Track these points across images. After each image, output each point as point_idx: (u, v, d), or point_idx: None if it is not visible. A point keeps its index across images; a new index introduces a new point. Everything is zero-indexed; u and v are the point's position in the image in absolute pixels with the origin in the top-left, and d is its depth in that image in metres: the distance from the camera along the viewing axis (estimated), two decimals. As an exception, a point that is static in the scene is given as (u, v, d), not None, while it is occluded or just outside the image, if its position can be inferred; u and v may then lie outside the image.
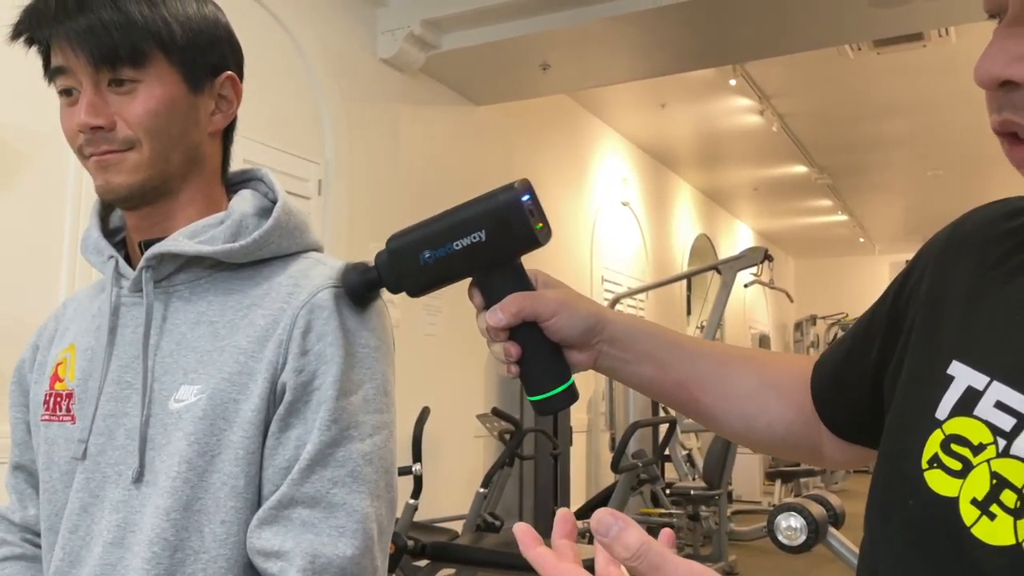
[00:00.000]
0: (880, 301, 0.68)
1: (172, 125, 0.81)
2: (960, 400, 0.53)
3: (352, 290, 0.74)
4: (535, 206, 0.67)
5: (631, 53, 4.30)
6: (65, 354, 0.88)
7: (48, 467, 0.85)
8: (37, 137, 2.51)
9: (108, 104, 0.79)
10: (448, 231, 0.66)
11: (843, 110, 6.45)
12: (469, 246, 0.66)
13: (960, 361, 0.54)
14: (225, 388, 0.78)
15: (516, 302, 0.66)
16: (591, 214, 6.25)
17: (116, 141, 0.79)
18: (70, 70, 0.79)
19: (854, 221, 10.34)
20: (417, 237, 0.68)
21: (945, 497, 0.51)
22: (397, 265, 0.69)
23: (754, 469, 7.73)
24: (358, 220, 3.85)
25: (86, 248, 0.89)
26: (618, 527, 0.43)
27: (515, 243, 0.66)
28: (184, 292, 0.84)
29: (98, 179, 0.81)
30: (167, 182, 0.83)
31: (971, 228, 0.61)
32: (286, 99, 3.51)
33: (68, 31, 0.77)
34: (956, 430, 0.52)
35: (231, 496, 0.77)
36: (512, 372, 0.68)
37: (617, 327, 0.70)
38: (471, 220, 0.66)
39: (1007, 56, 0.49)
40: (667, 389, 0.73)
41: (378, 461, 0.79)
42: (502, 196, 0.66)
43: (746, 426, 0.74)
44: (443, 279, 0.68)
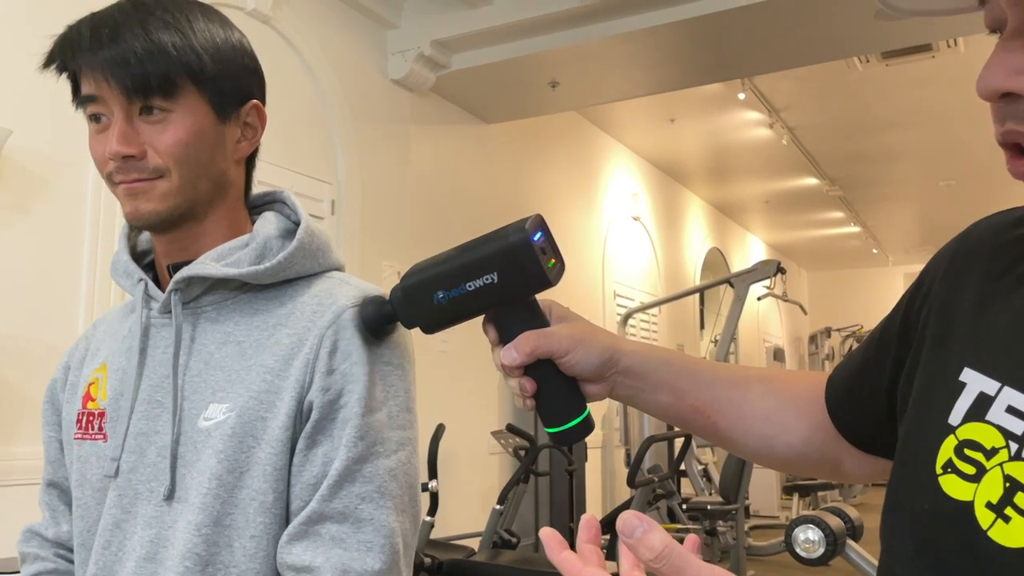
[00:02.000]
0: (892, 313, 0.69)
1: (200, 154, 0.83)
2: (972, 406, 0.53)
3: (368, 323, 0.78)
4: (548, 243, 0.67)
5: (639, 69, 4.33)
6: (97, 374, 0.90)
7: (81, 484, 0.87)
8: (56, 163, 2.56)
9: (139, 133, 0.81)
10: (461, 272, 0.67)
11: (853, 122, 6.45)
12: (482, 287, 0.66)
13: (971, 368, 0.55)
14: (253, 406, 0.80)
15: (529, 341, 0.67)
16: (602, 230, 6.27)
17: (146, 170, 0.81)
18: (101, 98, 0.81)
19: (867, 232, 10.30)
20: (430, 276, 0.69)
21: (960, 501, 0.51)
22: (411, 303, 0.70)
23: (771, 483, 7.68)
24: (370, 239, 3.89)
25: (116, 271, 0.92)
26: (643, 529, 0.44)
27: (527, 284, 0.67)
28: (211, 313, 0.86)
29: (127, 206, 0.83)
30: (194, 208, 0.85)
31: (979, 237, 0.62)
32: (298, 120, 3.56)
33: (102, 60, 0.78)
34: (969, 435, 0.53)
35: (260, 512, 0.79)
36: (528, 405, 0.69)
37: (631, 358, 0.71)
38: (483, 261, 0.66)
39: (1007, 69, 0.50)
40: (684, 415, 0.74)
41: (403, 476, 0.81)
42: (513, 237, 0.66)
43: (766, 447, 0.75)
44: (456, 318, 0.69)
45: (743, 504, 5.28)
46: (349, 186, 3.79)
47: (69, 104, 0.86)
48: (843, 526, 2.79)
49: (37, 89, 2.47)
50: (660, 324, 6.96)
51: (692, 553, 0.46)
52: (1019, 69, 0.49)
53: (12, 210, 2.45)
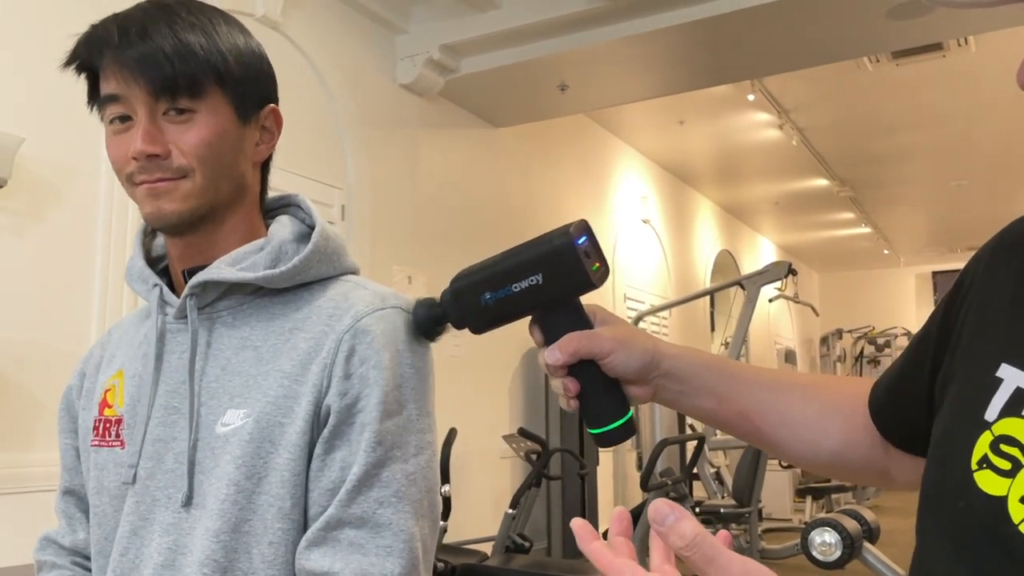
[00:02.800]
0: (932, 316, 0.68)
1: (223, 155, 0.83)
2: (1009, 401, 0.53)
3: (420, 324, 0.80)
4: (592, 247, 0.70)
5: (648, 71, 4.32)
6: (113, 380, 0.90)
7: (98, 492, 0.87)
8: (68, 170, 2.57)
9: (163, 133, 0.81)
10: (507, 274, 0.70)
11: (863, 122, 6.42)
12: (527, 288, 0.69)
13: (1008, 363, 0.55)
14: (271, 411, 0.79)
15: (573, 342, 0.69)
16: (612, 233, 6.26)
17: (170, 169, 0.81)
18: (125, 98, 0.80)
19: (878, 233, 10.26)
20: (478, 279, 0.72)
21: (994, 497, 0.51)
22: (460, 305, 0.73)
23: (784, 486, 7.64)
24: (380, 243, 3.89)
25: (131, 277, 0.91)
26: (674, 517, 0.45)
27: (571, 286, 0.69)
28: (227, 318, 0.86)
29: (148, 206, 0.82)
30: (214, 211, 0.85)
31: (1015, 235, 0.62)
32: (308, 126, 3.57)
33: (130, 59, 0.78)
34: (1005, 431, 0.52)
35: (278, 518, 0.78)
36: (572, 406, 0.71)
37: (674, 362, 0.72)
38: (529, 264, 0.69)
39: None
40: (729, 419, 0.75)
41: (421, 481, 0.81)
42: (558, 240, 0.69)
43: (812, 452, 0.75)
44: (504, 318, 0.72)
45: (756, 507, 5.25)
46: (359, 191, 3.79)
47: (80, 111, 0.86)
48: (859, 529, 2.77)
49: (48, 96, 2.48)
50: (671, 327, 6.94)
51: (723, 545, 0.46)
52: None
53: (25, 217, 2.46)
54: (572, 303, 0.71)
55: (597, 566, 0.48)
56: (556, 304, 0.70)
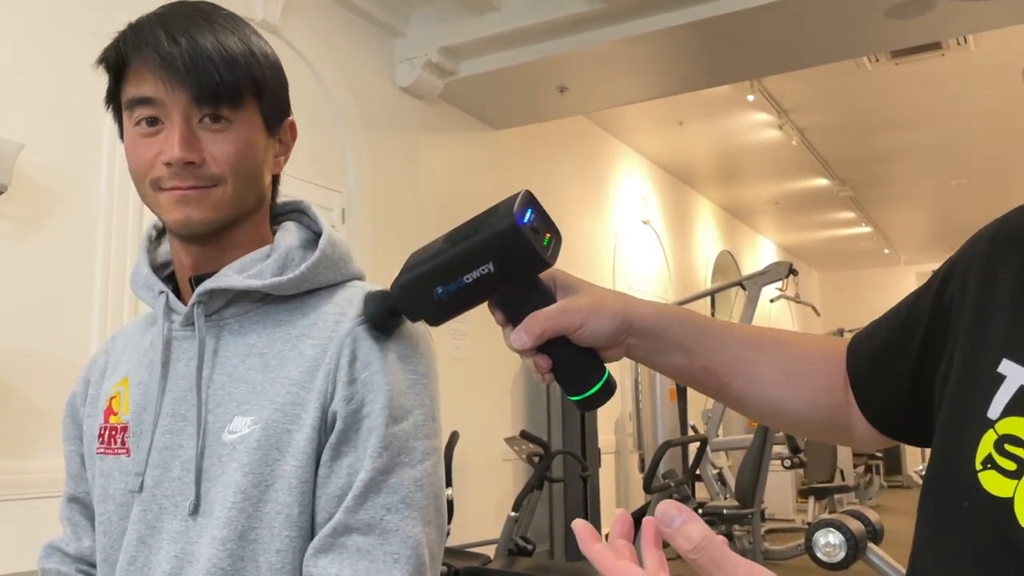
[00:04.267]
0: (919, 297, 0.67)
1: (254, 166, 0.83)
2: (1012, 399, 0.52)
3: (373, 320, 0.77)
4: (540, 220, 0.66)
5: (647, 72, 4.32)
6: (118, 388, 0.89)
7: (104, 500, 0.86)
8: (68, 177, 2.56)
9: (199, 140, 0.80)
10: (456, 265, 0.66)
11: (863, 122, 6.43)
12: (479, 278, 0.66)
13: (1010, 359, 0.54)
14: (278, 419, 0.79)
15: (538, 324, 0.66)
16: (612, 234, 6.25)
17: (204, 177, 0.80)
18: (160, 102, 0.79)
19: (878, 233, 10.26)
20: (426, 272, 0.68)
21: (1000, 498, 0.51)
22: (412, 299, 0.70)
23: (786, 487, 7.63)
24: (381, 247, 3.89)
25: (136, 284, 0.91)
26: (682, 519, 0.44)
27: (525, 269, 0.66)
28: (234, 325, 0.85)
29: (176, 213, 0.81)
30: (238, 220, 0.85)
31: (1015, 227, 0.61)
32: (308, 130, 3.56)
33: (176, 63, 0.77)
34: (1009, 430, 0.52)
35: (285, 525, 0.78)
36: (547, 380, 0.69)
37: (644, 320, 0.70)
38: (476, 253, 0.65)
39: None
40: (695, 375, 0.73)
41: (428, 487, 0.80)
42: (500, 225, 0.65)
43: (776, 410, 0.74)
44: (461, 308, 0.68)
45: (759, 508, 5.25)
46: (359, 195, 3.79)
47: (80, 117, 0.85)
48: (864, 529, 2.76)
49: (49, 102, 2.48)
50: (672, 328, 6.93)
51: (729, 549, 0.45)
52: None
53: (25, 224, 2.46)
54: (531, 282, 0.67)
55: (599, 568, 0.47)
56: (513, 286, 0.67)
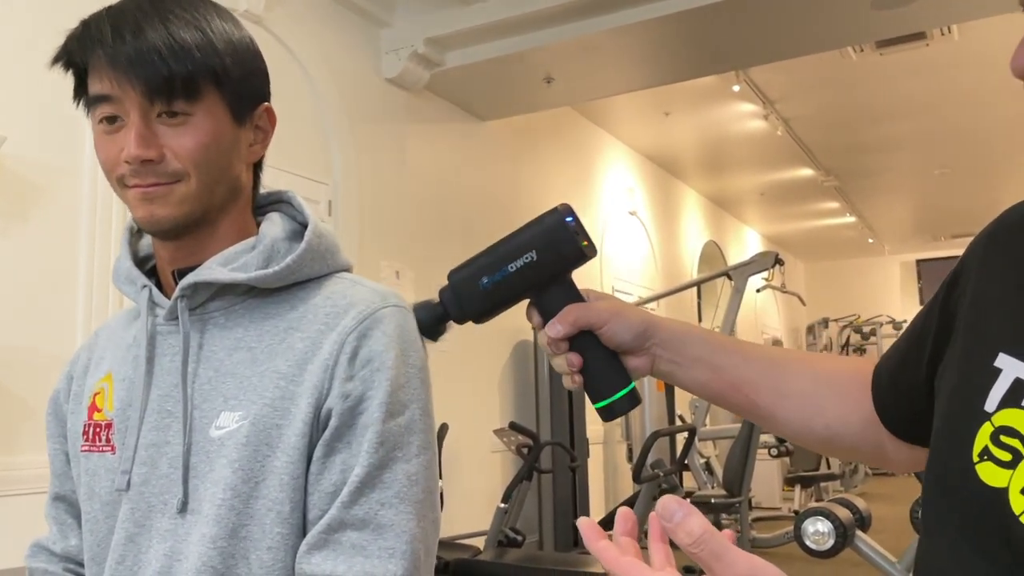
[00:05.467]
0: (930, 304, 0.68)
1: (219, 159, 0.81)
2: (1009, 392, 0.53)
3: (423, 326, 0.81)
4: (579, 226, 0.73)
5: (633, 63, 4.31)
6: (102, 384, 0.88)
7: (90, 498, 0.85)
8: (51, 169, 2.53)
9: (157, 136, 0.78)
10: (502, 257, 0.73)
11: (847, 112, 6.45)
12: (523, 267, 0.72)
13: (1006, 353, 0.55)
14: (267, 414, 0.78)
15: (572, 312, 0.72)
16: (599, 225, 6.26)
17: (164, 174, 0.78)
18: (116, 98, 0.77)
19: (862, 222, 10.31)
20: (475, 267, 0.75)
21: (995, 488, 0.51)
22: (460, 295, 0.76)
23: (773, 475, 7.68)
24: (368, 239, 3.87)
25: (118, 278, 0.89)
26: (682, 513, 0.45)
27: (565, 259, 0.73)
28: (219, 319, 0.84)
29: (140, 211, 0.79)
30: (208, 214, 0.83)
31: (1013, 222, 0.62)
32: (293, 122, 3.54)
33: (123, 59, 0.75)
34: (1005, 421, 0.53)
35: (277, 522, 0.77)
36: (576, 382, 0.73)
37: (668, 332, 0.74)
38: (523, 244, 0.73)
39: None
40: (722, 391, 0.76)
41: (423, 482, 0.79)
42: (548, 219, 0.73)
43: (805, 427, 0.75)
44: (503, 302, 0.75)
45: (747, 496, 5.28)
46: (346, 187, 3.77)
47: (63, 109, 0.83)
48: (852, 517, 2.78)
49: (30, 95, 2.44)
50: (659, 318, 6.94)
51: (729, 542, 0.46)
52: None
53: (7, 218, 2.43)
54: (566, 280, 0.74)
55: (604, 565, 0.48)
56: (551, 281, 0.73)
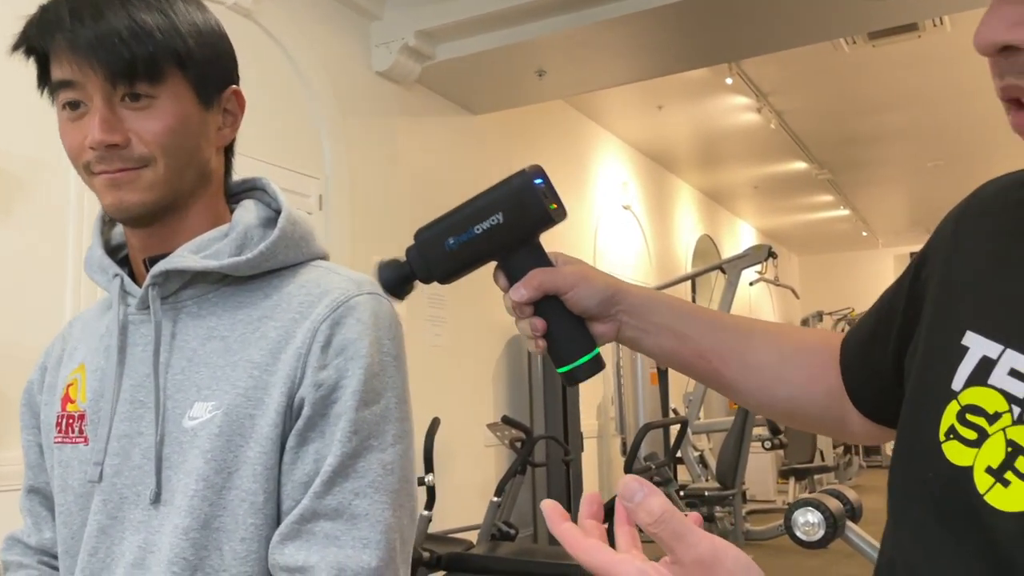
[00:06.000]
0: (898, 281, 0.68)
1: (187, 142, 0.80)
2: (975, 370, 0.53)
3: (387, 285, 0.78)
4: (548, 188, 0.72)
5: (626, 56, 4.30)
6: (75, 375, 0.87)
7: (63, 490, 0.84)
8: (36, 164, 2.52)
9: (122, 120, 0.77)
10: (469, 217, 0.71)
11: (840, 104, 6.44)
12: (489, 229, 0.71)
13: (974, 331, 0.55)
14: (240, 403, 0.77)
15: (536, 276, 0.71)
16: (593, 219, 6.25)
17: (131, 159, 0.77)
18: (79, 83, 0.76)
19: (856, 215, 10.32)
20: (441, 227, 0.73)
21: (960, 467, 0.52)
22: (425, 255, 0.73)
23: (767, 468, 7.70)
24: (360, 233, 3.85)
25: (90, 267, 0.88)
26: (643, 493, 0.44)
27: (532, 223, 0.71)
28: (192, 308, 0.83)
29: (108, 197, 0.79)
30: (178, 199, 0.82)
31: (984, 200, 0.62)
32: (284, 115, 3.52)
33: (84, 42, 0.74)
34: (971, 400, 0.53)
35: (250, 513, 0.76)
36: (540, 346, 0.72)
37: (635, 298, 0.73)
38: (489, 205, 0.71)
39: (1006, 22, 0.49)
40: (687, 360, 0.74)
41: (399, 471, 0.78)
42: (516, 180, 0.71)
43: (768, 397, 0.75)
44: (469, 263, 0.73)
45: (740, 489, 5.29)
46: (337, 181, 3.75)
47: (46, 103, 0.82)
48: (843, 508, 2.78)
49: (13, 88, 2.42)
50: (653, 312, 6.94)
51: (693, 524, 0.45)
52: (1018, 21, 0.48)
53: (-7, 212, 2.41)
54: (533, 243, 0.73)
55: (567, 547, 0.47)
56: (518, 244, 0.72)
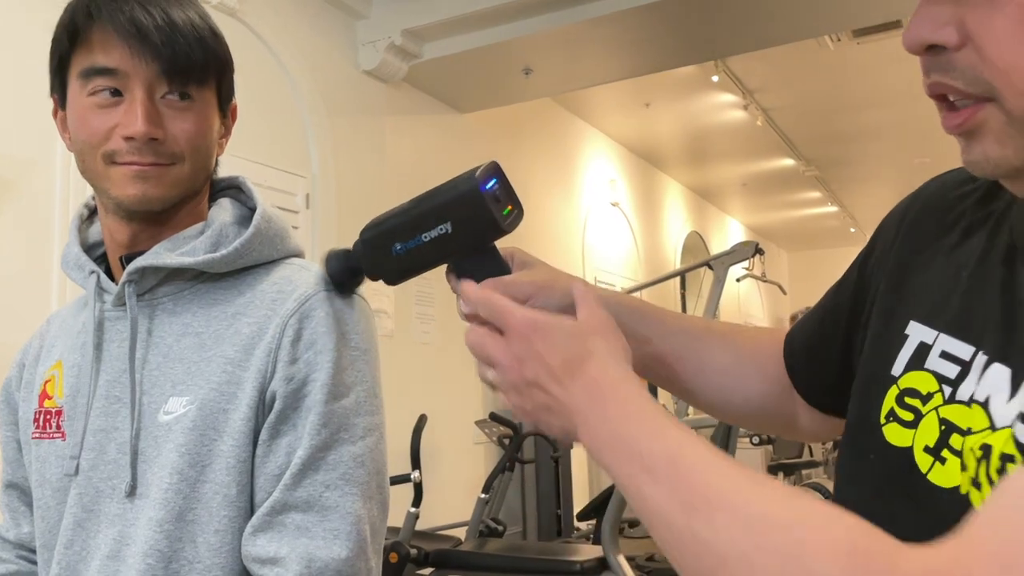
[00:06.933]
0: (845, 276, 0.70)
1: (209, 146, 0.84)
2: (913, 355, 0.56)
3: (334, 277, 0.77)
4: (503, 190, 0.67)
5: (613, 53, 4.31)
6: (52, 371, 0.88)
7: (40, 484, 0.85)
8: (22, 163, 2.51)
9: (161, 115, 0.79)
10: (416, 223, 0.68)
11: (826, 102, 6.48)
12: (437, 237, 0.67)
13: (915, 320, 0.57)
14: (214, 398, 0.78)
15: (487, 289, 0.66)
16: (581, 217, 6.26)
17: (164, 154, 0.80)
18: (123, 72, 0.78)
19: (844, 212, 10.37)
20: (387, 228, 0.69)
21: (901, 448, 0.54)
22: (371, 255, 0.71)
23: (756, 463, 7.73)
24: (347, 232, 3.85)
25: (67, 264, 0.90)
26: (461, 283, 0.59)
27: (481, 233, 0.67)
28: (168, 304, 0.84)
29: (131, 188, 0.80)
30: (187, 199, 0.85)
31: (928, 196, 0.64)
32: (270, 114, 3.52)
33: (147, 35, 0.76)
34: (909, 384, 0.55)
35: (224, 505, 0.77)
36: None
37: None
38: (436, 212, 0.67)
39: (931, 22, 0.51)
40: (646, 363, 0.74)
41: (370, 463, 0.80)
42: (463, 187, 0.67)
43: (723, 399, 0.76)
44: (416, 268, 0.69)
45: (728, 485, 5.30)
46: (324, 180, 3.75)
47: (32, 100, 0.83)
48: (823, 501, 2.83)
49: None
50: (642, 309, 6.97)
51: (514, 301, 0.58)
52: (943, 22, 0.50)
53: (-23, 212, 2.41)
54: (487, 248, 0.68)
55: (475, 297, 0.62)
56: (470, 251, 0.68)
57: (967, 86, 0.50)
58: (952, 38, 0.50)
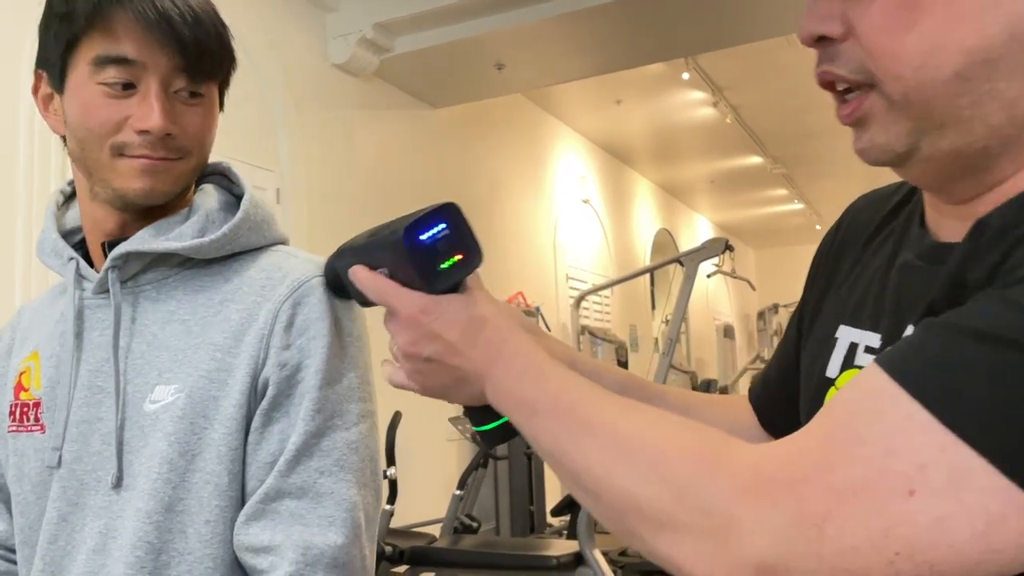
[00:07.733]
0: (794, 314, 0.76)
1: (211, 141, 0.85)
2: (845, 356, 0.60)
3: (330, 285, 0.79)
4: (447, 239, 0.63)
5: (584, 50, 4.32)
6: (28, 363, 0.85)
7: (19, 479, 0.82)
8: (-17, 155, 2.45)
9: (174, 109, 0.79)
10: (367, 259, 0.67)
11: (794, 99, 6.55)
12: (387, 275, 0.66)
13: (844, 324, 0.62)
14: (204, 386, 0.77)
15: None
16: (552, 213, 6.27)
17: (174, 149, 0.79)
18: (139, 63, 0.76)
19: (810, 209, 10.51)
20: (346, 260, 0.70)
21: None
22: (335, 283, 0.74)
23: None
24: (317, 227, 3.82)
25: (43, 251, 0.87)
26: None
27: (420, 282, 0.63)
28: (151, 292, 0.82)
29: (139, 182, 0.78)
30: (185, 193, 0.85)
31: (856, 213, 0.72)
32: (239, 108, 3.45)
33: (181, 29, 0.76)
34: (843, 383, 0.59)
35: (215, 495, 0.76)
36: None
37: None
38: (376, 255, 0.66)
39: (819, 16, 0.55)
40: None
41: (364, 450, 0.79)
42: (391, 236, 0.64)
43: None
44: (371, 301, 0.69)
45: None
46: (294, 174, 3.71)
47: None
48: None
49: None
50: (612, 305, 7.00)
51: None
52: (828, 15, 0.55)
53: (-63, 205, 2.34)
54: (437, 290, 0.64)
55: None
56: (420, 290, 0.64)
57: (850, 73, 0.54)
58: (837, 29, 0.54)
